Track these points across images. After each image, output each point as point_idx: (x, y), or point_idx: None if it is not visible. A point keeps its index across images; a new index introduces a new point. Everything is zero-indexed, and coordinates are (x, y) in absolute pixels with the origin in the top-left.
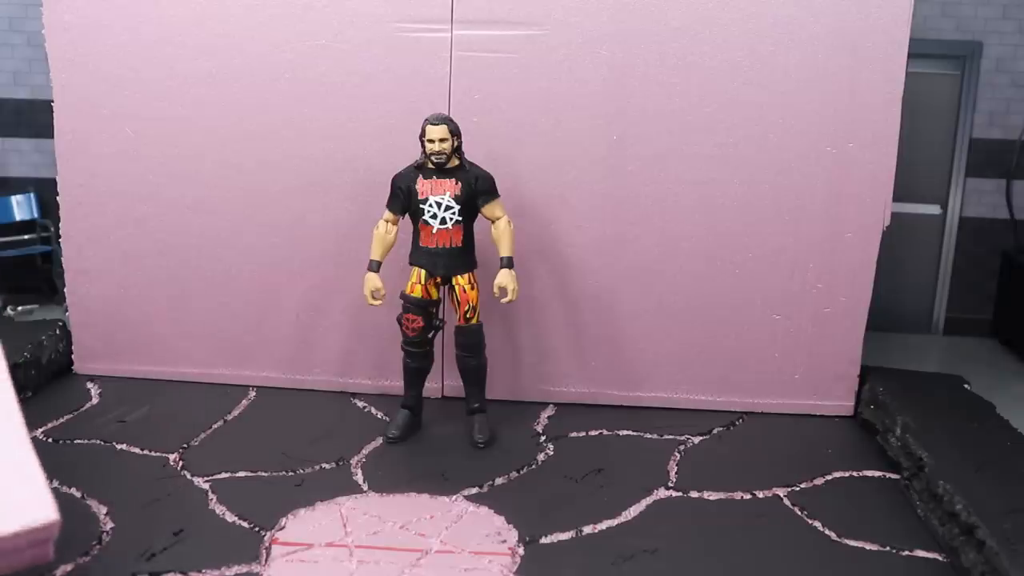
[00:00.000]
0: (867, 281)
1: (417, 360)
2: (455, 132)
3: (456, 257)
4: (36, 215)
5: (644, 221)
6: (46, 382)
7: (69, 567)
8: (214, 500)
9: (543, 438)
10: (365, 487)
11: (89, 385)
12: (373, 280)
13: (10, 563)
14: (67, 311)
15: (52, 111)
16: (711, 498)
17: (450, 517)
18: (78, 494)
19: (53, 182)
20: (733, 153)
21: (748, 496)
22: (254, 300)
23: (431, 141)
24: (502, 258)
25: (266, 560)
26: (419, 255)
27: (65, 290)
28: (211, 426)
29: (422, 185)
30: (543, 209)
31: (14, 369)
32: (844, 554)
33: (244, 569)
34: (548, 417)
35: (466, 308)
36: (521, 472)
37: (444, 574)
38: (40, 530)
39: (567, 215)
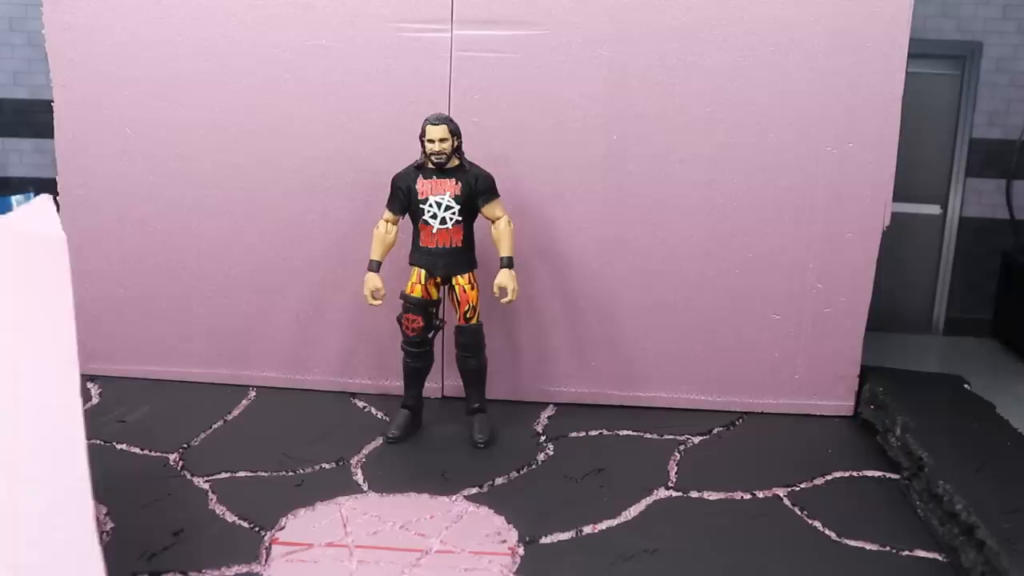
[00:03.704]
0: (867, 281)
1: (417, 360)
2: (455, 132)
3: (456, 257)
4: None
5: (644, 221)
6: None
7: None
8: (214, 500)
9: (543, 438)
10: (365, 487)
11: (89, 385)
12: (373, 280)
13: None
14: None
15: (52, 111)
16: (711, 498)
17: (450, 517)
18: None
19: (53, 182)
20: (733, 153)
21: (748, 496)
22: (254, 300)
23: (431, 141)
24: (502, 258)
25: (266, 560)
26: (419, 255)
27: None
28: (211, 426)
29: (422, 185)
30: (543, 209)
31: None
32: (844, 554)
33: (244, 569)
34: (548, 417)
35: (466, 308)
36: (521, 472)
37: (444, 574)
38: None
39: (567, 215)
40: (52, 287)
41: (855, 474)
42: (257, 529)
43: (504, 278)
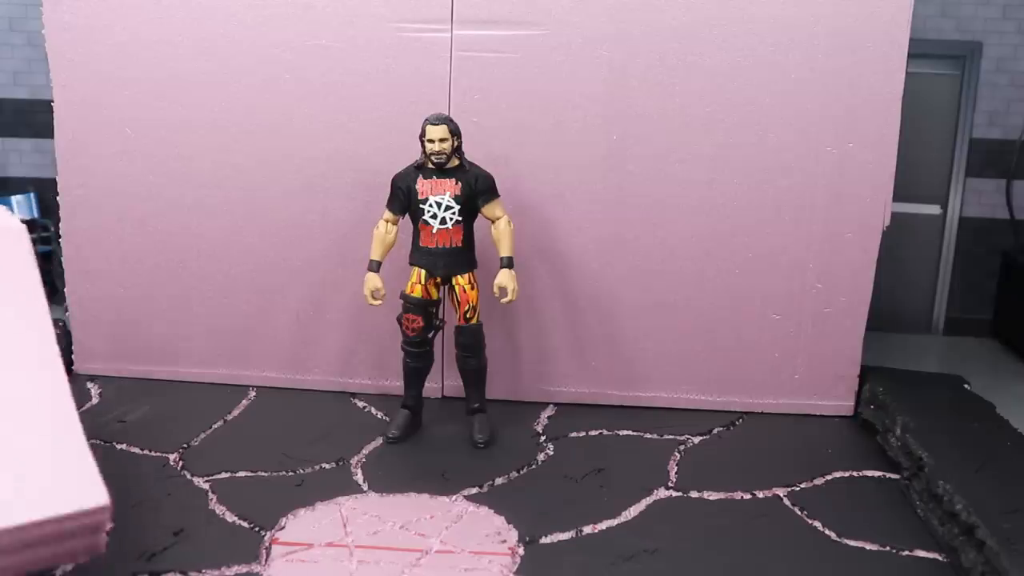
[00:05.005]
0: (867, 281)
1: (417, 360)
2: (455, 132)
3: (456, 257)
4: (36, 215)
5: (644, 221)
6: None
7: (69, 567)
8: (214, 500)
9: (543, 438)
10: (365, 487)
11: (89, 385)
12: (373, 280)
13: (64, 550)
14: (67, 311)
15: (52, 111)
16: (711, 498)
17: (450, 517)
18: None
19: (53, 182)
20: (733, 153)
21: (748, 496)
22: (254, 300)
23: (431, 141)
24: (502, 258)
25: (266, 560)
26: (419, 255)
27: (65, 290)
28: (211, 426)
29: (422, 185)
30: (543, 209)
31: None
32: (844, 554)
33: (244, 569)
34: (548, 417)
35: (466, 308)
36: (521, 472)
37: (444, 574)
38: (92, 513)
39: (567, 215)
40: (21, 272)
41: (855, 474)
42: (257, 529)
43: (504, 278)
